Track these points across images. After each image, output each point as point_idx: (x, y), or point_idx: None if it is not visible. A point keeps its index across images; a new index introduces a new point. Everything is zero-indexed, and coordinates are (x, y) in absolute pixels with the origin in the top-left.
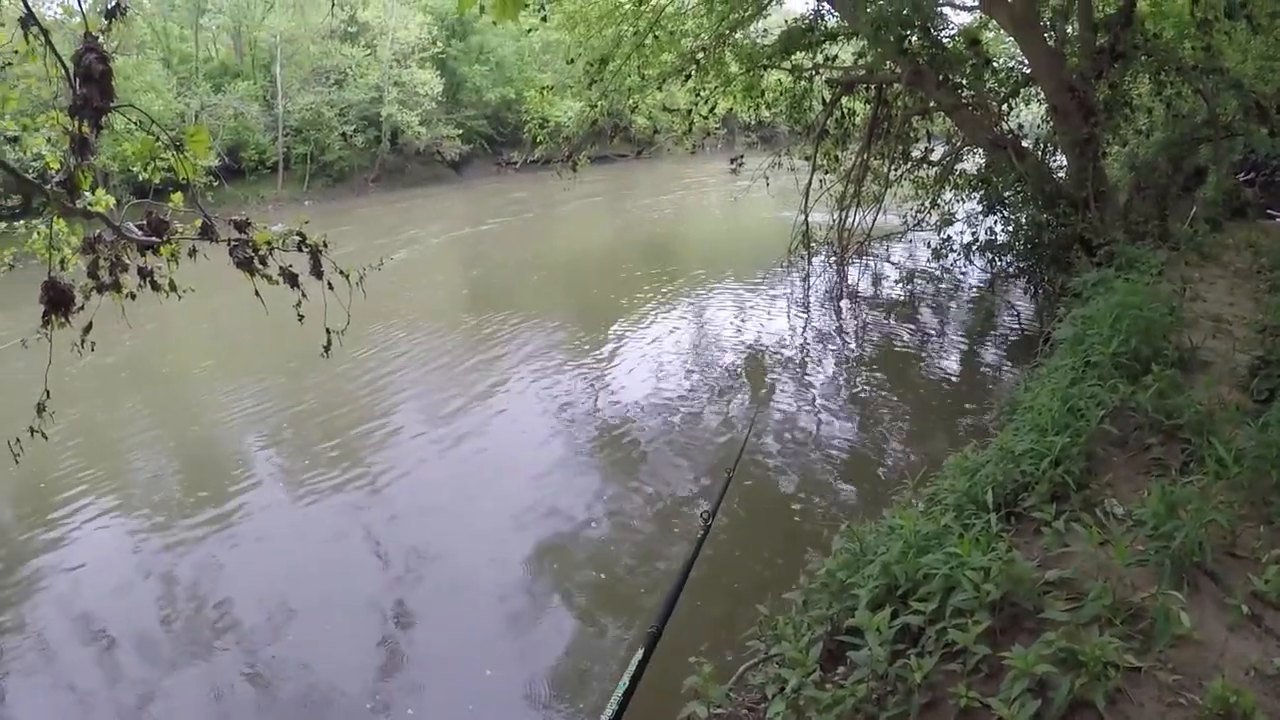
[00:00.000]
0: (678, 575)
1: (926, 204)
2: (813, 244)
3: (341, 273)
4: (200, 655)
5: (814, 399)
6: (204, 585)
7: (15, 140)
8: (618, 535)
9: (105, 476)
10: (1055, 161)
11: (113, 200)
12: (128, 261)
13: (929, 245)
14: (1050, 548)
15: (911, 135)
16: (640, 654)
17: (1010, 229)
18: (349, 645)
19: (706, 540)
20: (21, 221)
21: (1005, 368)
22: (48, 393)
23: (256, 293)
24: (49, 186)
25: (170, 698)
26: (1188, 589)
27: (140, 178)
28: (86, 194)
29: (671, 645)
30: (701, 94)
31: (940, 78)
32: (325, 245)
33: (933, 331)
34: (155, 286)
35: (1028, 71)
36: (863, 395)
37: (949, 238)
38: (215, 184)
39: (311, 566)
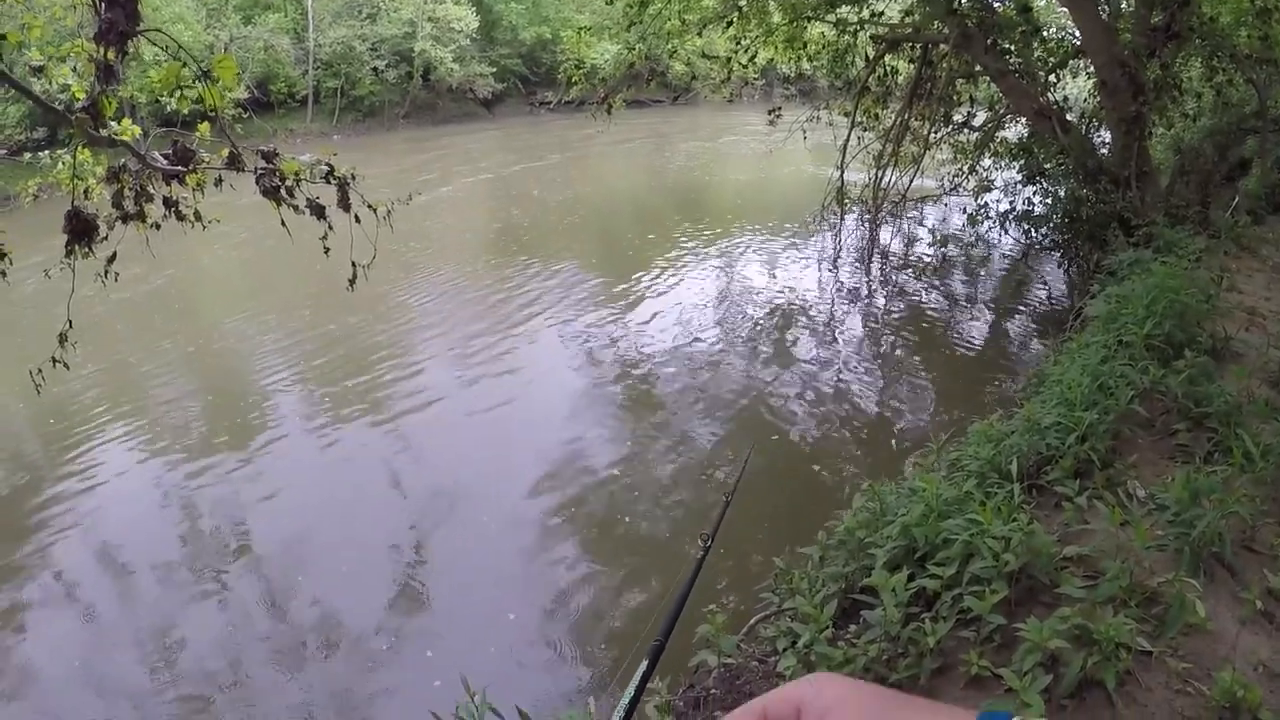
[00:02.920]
0: (679, 591)
1: (965, 169)
2: (847, 201)
3: (369, 206)
4: (218, 587)
5: (839, 356)
6: (223, 519)
7: (41, 70)
8: (641, 483)
9: (129, 409)
10: (1099, 138)
11: (139, 130)
12: (153, 191)
13: (965, 211)
14: (1071, 523)
15: (955, 98)
16: (644, 666)
17: (1049, 201)
18: (366, 584)
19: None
20: (46, 152)
21: (1033, 340)
22: (70, 323)
23: (283, 223)
24: (73, 114)
25: (187, 628)
26: (1204, 578)
27: (168, 108)
28: (112, 123)
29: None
30: (742, 42)
31: (989, 42)
32: (353, 177)
33: (962, 298)
34: (180, 216)
35: (1078, 43)
36: (888, 356)
37: (985, 205)
38: (244, 116)
39: (332, 503)
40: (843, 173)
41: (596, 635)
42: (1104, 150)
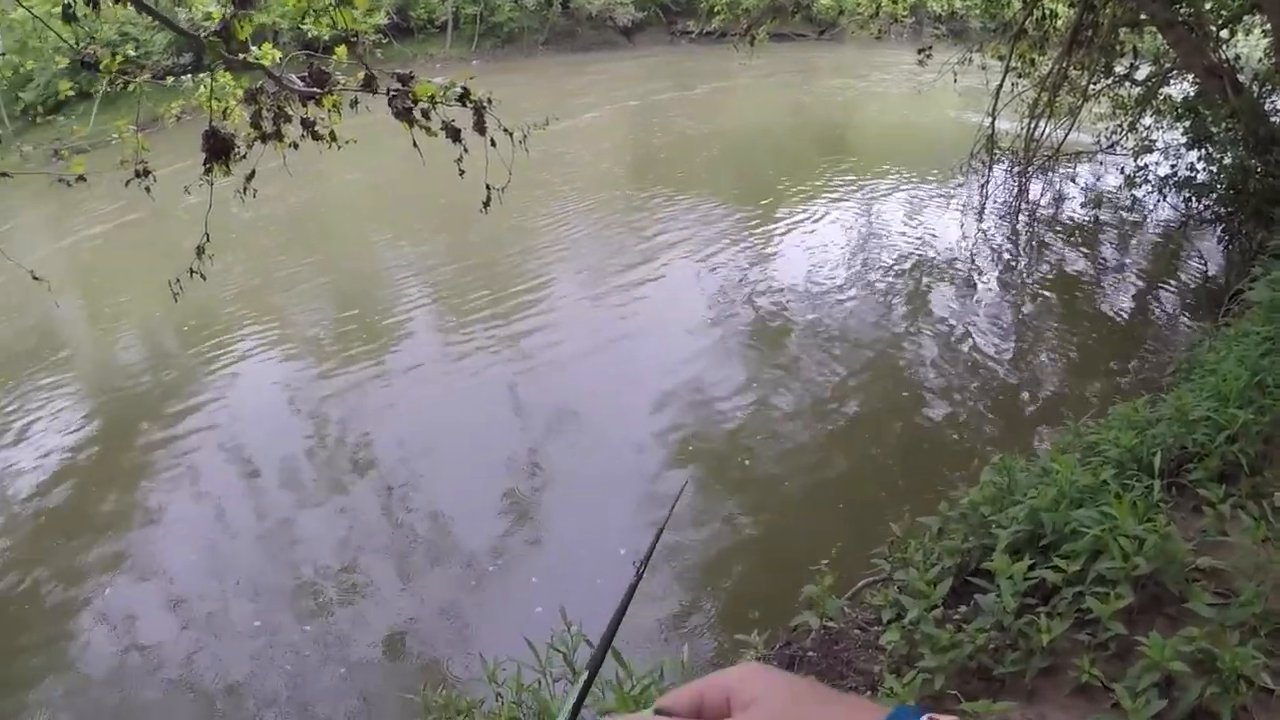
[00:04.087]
0: (614, 616)
1: (1124, 126)
2: (996, 151)
3: (505, 130)
4: (337, 489)
5: (976, 315)
6: (348, 425)
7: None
8: (763, 425)
9: (267, 318)
10: (1272, 104)
11: (279, 54)
12: (290, 112)
13: (1121, 171)
14: (1209, 531)
15: (1117, 48)
16: (585, 676)
17: (1213, 169)
18: (481, 503)
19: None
20: (188, 75)
21: (1182, 319)
22: (207, 236)
23: (414, 144)
24: (206, 36)
25: (305, 527)
26: None
27: (309, 33)
28: (253, 49)
29: (794, 548)
30: None
31: None
32: (490, 101)
33: (1110, 265)
34: (316, 137)
35: None
36: (1027, 319)
37: (1144, 167)
38: (384, 41)
39: (455, 421)
40: (994, 120)
41: (703, 582)
42: (1277, 118)
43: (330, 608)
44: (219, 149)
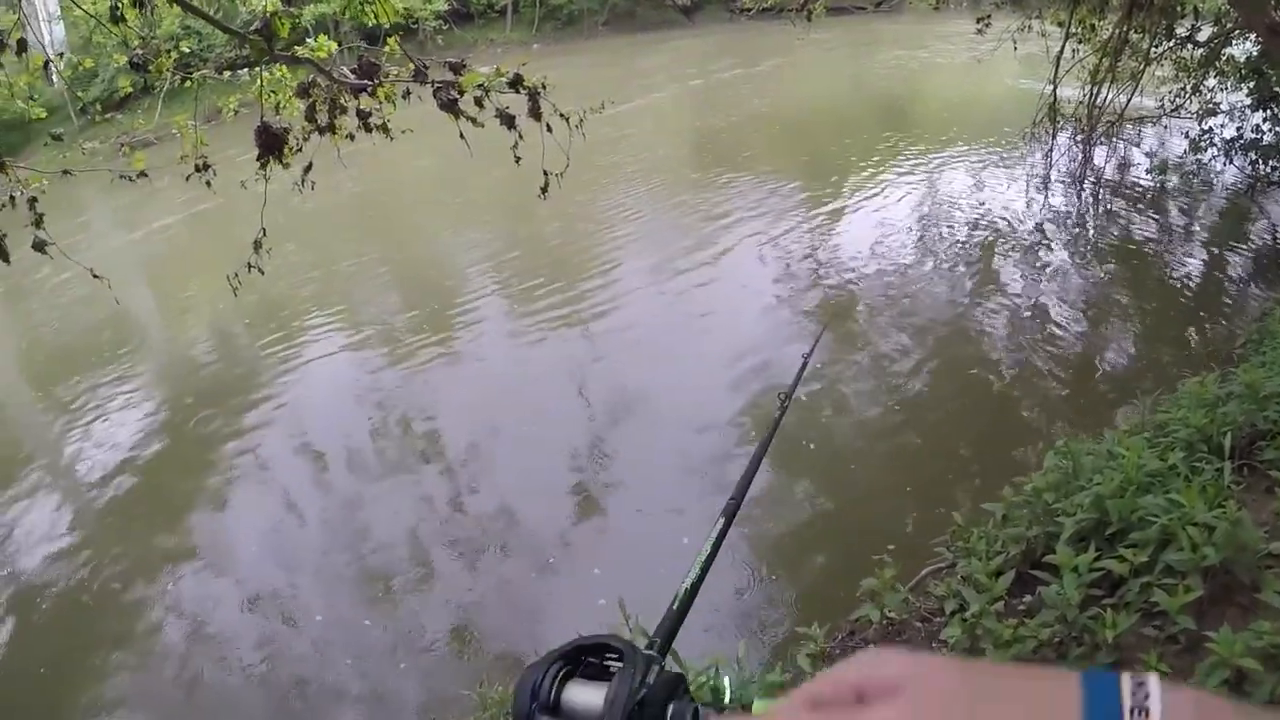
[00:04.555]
0: (757, 452)
1: (1187, 89)
2: (1059, 119)
3: (561, 115)
4: (403, 477)
5: (1044, 285)
6: (415, 413)
7: None
8: (831, 407)
9: (331, 309)
10: None
11: (335, 46)
12: (345, 104)
13: (1186, 135)
14: None
15: (1177, 9)
16: (721, 523)
17: (1279, 130)
18: (546, 491)
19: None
20: (244, 70)
21: (1251, 286)
22: (264, 231)
23: (461, 135)
24: (249, 34)
25: (371, 511)
26: None
27: (369, 23)
28: (309, 41)
29: (859, 532)
30: None
31: None
32: (544, 87)
33: (1177, 231)
34: (369, 129)
35: None
36: (1095, 289)
37: (1209, 130)
38: (444, 27)
39: (521, 407)
40: (1055, 87)
41: (763, 572)
42: None
43: (393, 599)
44: (271, 144)
